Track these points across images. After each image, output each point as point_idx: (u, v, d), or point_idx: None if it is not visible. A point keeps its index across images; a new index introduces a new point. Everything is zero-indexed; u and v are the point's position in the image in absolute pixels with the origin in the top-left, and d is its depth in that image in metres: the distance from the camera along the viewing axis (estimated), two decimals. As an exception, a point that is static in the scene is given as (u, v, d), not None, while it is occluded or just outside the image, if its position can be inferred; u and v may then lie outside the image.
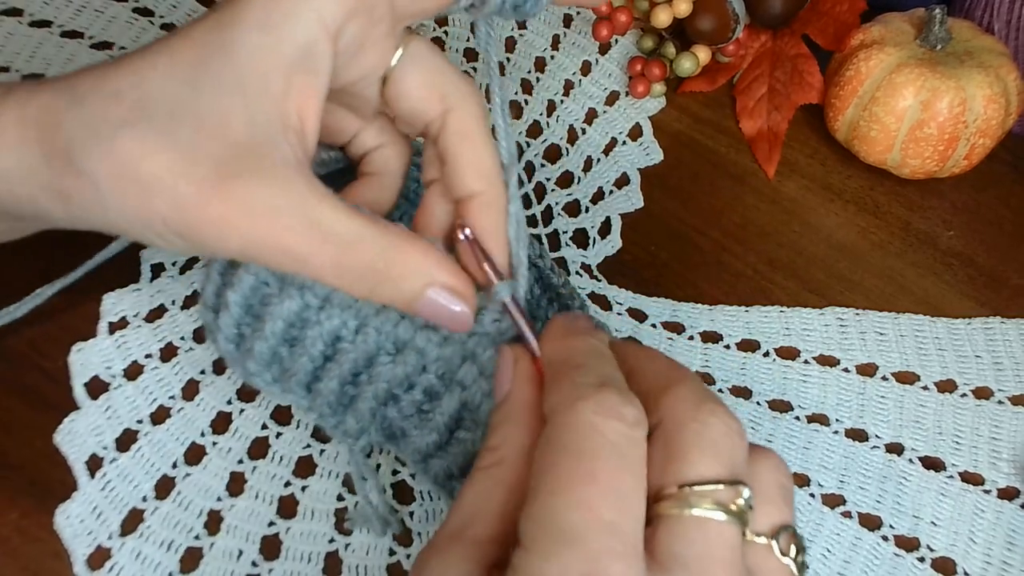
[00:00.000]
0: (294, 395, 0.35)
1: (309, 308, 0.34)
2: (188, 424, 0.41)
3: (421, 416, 0.35)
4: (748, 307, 0.46)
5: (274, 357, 0.35)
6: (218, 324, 0.35)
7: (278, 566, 0.38)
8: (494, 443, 0.28)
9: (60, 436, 0.40)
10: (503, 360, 0.30)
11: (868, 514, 0.41)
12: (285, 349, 0.35)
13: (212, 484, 0.40)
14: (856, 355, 0.45)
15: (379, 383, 0.34)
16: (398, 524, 0.39)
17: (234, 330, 0.35)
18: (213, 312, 0.36)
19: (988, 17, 0.52)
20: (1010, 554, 0.40)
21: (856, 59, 0.48)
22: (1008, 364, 0.44)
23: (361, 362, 0.34)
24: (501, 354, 0.31)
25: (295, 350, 0.35)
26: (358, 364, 0.34)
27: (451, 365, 0.34)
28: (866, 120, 0.48)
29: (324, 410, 0.35)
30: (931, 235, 0.50)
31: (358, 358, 0.34)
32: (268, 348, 0.35)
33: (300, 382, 0.35)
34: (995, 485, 0.41)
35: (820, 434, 0.42)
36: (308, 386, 0.35)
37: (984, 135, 0.47)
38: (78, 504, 0.38)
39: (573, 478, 0.24)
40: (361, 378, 0.35)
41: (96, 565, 0.37)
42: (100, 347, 0.42)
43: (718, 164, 0.52)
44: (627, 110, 0.54)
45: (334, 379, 0.34)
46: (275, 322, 0.34)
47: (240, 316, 0.35)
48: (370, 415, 0.35)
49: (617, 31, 0.52)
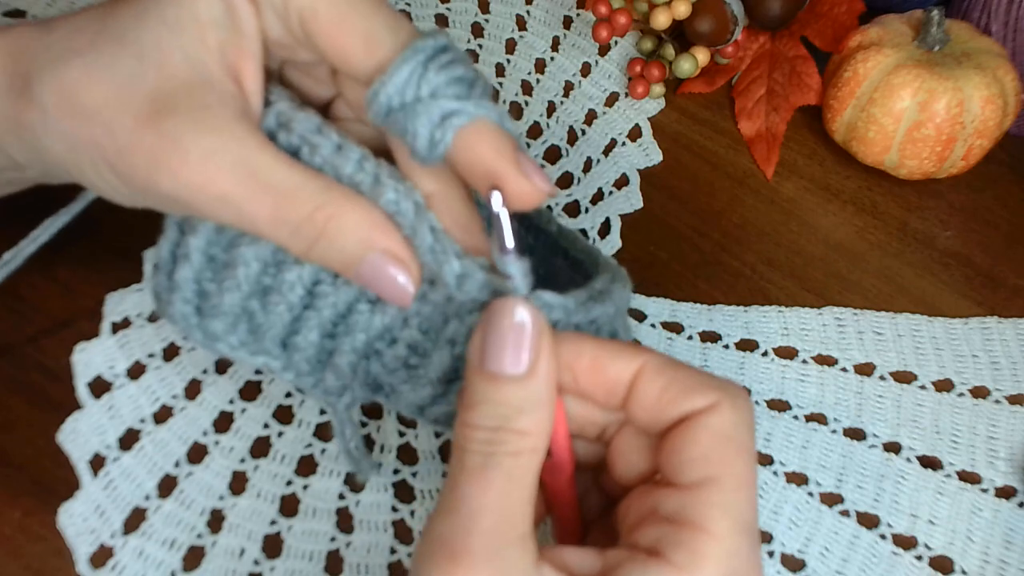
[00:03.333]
0: (267, 356, 0.33)
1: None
2: (190, 423, 0.41)
3: (409, 371, 0.33)
4: (746, 307, 0.46)
5: (243, 313, 0.32)
6: (175, 282, 0.32)
7: (280, 564, 0.38)
8: (525, 427, 0.26)
9: (63, 435, 0.40)
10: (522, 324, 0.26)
11: (866, 513, 0.41)
12: (257, 301, 0.32)
13: (214, 483, 0.40)
14: (854, 355, 0.45)
15: (357, 334, 0.32)
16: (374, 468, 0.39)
17: (194, 286, 0.32)
18: (166, 275, 0.33)
19: (986, 18, 0.52)
20: (1007, 552, 0.40)
21: (854, 60, 0.49)
22: (1005, 364, 0.45)
23: (341, 307, 0.32)
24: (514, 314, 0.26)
25: (269, 300, 0.32)
26: (338, 310, 0.32)
27: (433, 322, 0.32)
28: (864, 121, 0.48)
29: (302, 367, 0.33)
30: (929, 235, 0.50)
31: (338, 302, 0.32)
32: (239, 300, 0.32)
33: (275, 338, 0.33)
34: (992, 484, 0.41)
35: (818, 433, 0.43)
36: (283, 342, 0.33)
37: (981, 136, 0.48)
38: (81, 503, 0.39)
39: (750, 477, 0.26)
40: (339, 329, 0.33)
41: (99, 564, 0.38)
42: (103, 346, 0.42)
43: (717, 165, 0.52)
44: (626, 111, 0.54)
45: (313, 330, 0.32)
46: (248, 267, 0.31)
47: (202, 267, 0.32)
48: (350, 370, 0.33)
49: (616, 33, 0.52)
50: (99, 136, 0.28)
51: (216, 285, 0.32)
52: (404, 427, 0.42)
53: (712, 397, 0.26)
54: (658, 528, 0.26)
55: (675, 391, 0.26)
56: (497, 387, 0.26)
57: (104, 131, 0.28)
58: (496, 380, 0.26)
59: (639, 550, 0.25)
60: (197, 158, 0.27)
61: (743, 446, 0.26)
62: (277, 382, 0.43)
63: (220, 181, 0.27)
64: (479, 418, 0.26)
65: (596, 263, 0.35)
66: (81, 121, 0.28)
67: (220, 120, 0.28)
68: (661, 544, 0.25)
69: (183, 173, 0.27)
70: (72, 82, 0.28)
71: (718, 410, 0.26)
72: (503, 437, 0.26)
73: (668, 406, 0.26)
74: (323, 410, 0.42)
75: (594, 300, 0.31)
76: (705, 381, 0.27)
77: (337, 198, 0.29)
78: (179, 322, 0.33)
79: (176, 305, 0.33)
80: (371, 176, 0.30)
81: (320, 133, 0.30)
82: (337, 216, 0.29)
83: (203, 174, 0.27)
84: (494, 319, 0.27)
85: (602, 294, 0.32)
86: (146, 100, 0.27)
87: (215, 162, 0.27)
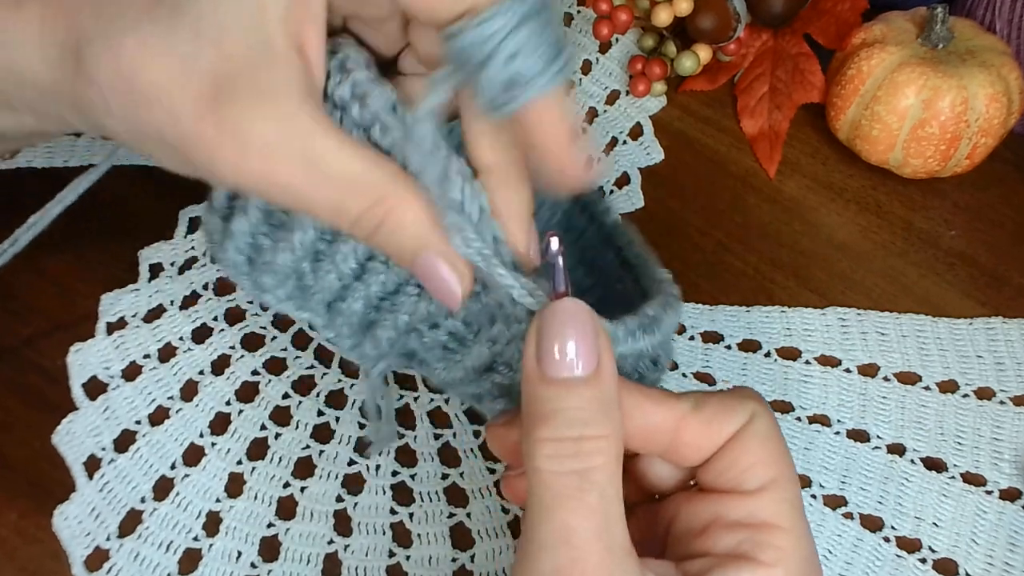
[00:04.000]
0: (312, 313, 0.33)
1: None
2: (187, 425, 0.41)
3: (446, 353, 0.33)
4: (749, 307, 0.46)
5: (294, 272, 0.32)
6: (230, 230, 0.32)
7: (277, 567, 0.38)
8: (605, 431, 0.25)
9: (58, 437, 0.40)
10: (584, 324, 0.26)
11: (870, 515, 0.40)
12: (309, 263, 0.32)
13: (211, 485, 0.40)
14: (857, 355, 0.45)
15: (401, 315, 0.32)
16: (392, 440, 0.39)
17: (248, 240, 0.32)
18: (222, 219, 0.33)
19: (990, 16, 0.52)
20: (1012, 555, 0.39)
21: (858, 58, 0.48)
22: (1010, 364, 0.44)
23: (391, 286, 0.32)
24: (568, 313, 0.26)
25: (321, 265, 0.32)
26: (386, 288, 0.32)
27: (478, 318, 0.32)
28: (868, 119, 0.48)
29: (343, 331, 0.33)
30: (933, 235, 0.49)
31: (388, 281, 0.32)
32: (292, 261, 0.32)
33: (322, 300, 0.33)
34: (997, 486, 0.41)
35: (821, 435, 0.42)
36: (330, 305, 0.33)
37: (986, 134, 0.47)
38: (76, 505, 0.38)
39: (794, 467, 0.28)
40: (384, 305, 0.33)
41: (94, 566, 0.37)
42: (98, 347, 0.42)
43: (719, 163, 0.52)
44: (628, 109, 0.54)
45: (359, 300, 0.32)
46: (305, 232, 0.31)
47: (259, 222, 0.32)
48: (388, 345, 0.33)
49: (618, 30, 0.52)
50: (161, 122, 0.26)
51: (271, 242, 0.32)
52: (403, 429, 0.42)
53: (748, 409, 0.27)
54: (734, 534, 0.26)
55: (718, 420, 0.27)
56: (567, 393, 0.25)
57: (166, 117, 0.26)
58: (565, 386, 0.25)
59: (720, 556, 0.26)
60: (258, 150, 0.26)
61: (782, 442, 0.28)
62: (274, 383, 0.42)
63: (281, 171, 0.27)
64: (557, 430, 0.25)
65: (649, 275, 0.34)
66: (142, 106, 0.26)
67: (282, 105, 0.26)
68: (745, 547, 0.26)
69: (243, 165, 0.26)
70: (128, 60, 0.26)
71: (757, 418, 0.27)
72: (589, 447, 0.25)
73: (715, 435, 0.27)
74: (321, 412, 0.42)
75: (643, 330, 0.30)
76: (734, 399, 0.28)
77: (399, 191, 0.28)
78: (229, 268, 0.33)
79: (229, 252, 0.33)
80: (441, 168, 0.29)
81: (394, 113, 0.29)
82: (397, 211, 0.28)
83: (264, 165, 0.26)
84: (552, 322, 0.26)
85: (653, 322, 0.30)
86: (205, 83, 0.26)
87: (276, 153, 0.26)
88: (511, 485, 0.30)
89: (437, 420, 0.42)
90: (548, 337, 0.25)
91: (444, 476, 0.41)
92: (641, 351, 0.31)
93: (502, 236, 0.29)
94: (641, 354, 0.31)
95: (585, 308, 0.26)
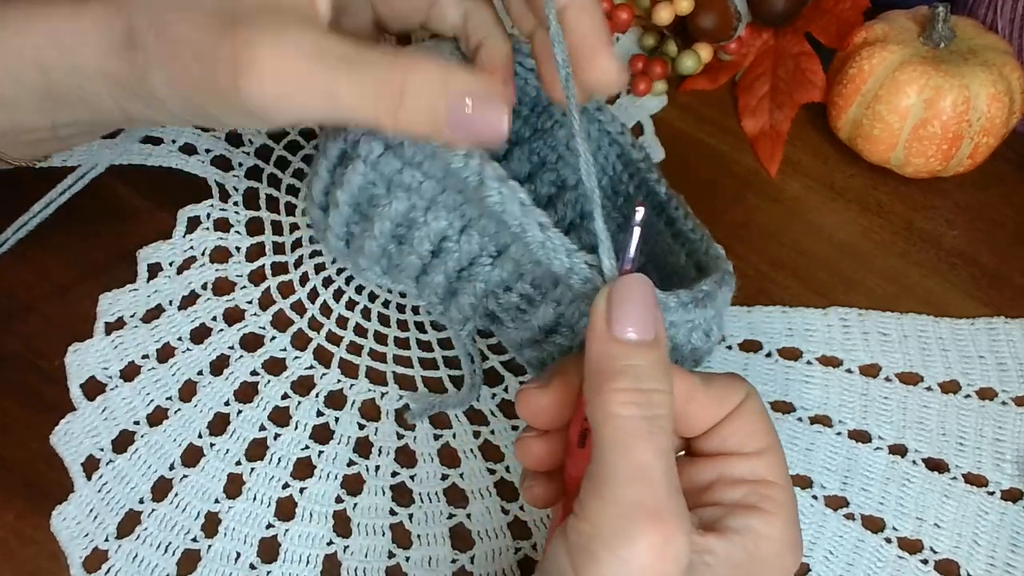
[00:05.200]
0: (404, 286, 0.39)
1: (416, 209, 0.36)
2: (185, 425, 0.41)
3: (519, 313, 0.37)
4: (750, 307, 0.46)
5: (383, 253, 0.37)
6: (328, 222, 0.38)
7: (276, 568, 0.38)
8: (665, 387, 0.28)
9: (56, 437, 0.40)
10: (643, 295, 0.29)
11: (871, 516, 0.40)
12: (394, 246, 0.37)
13: (210, 486, 0.39)
14: (859, 356, 0.44)
15: (478, 283, 0.37)
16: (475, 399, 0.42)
17: (344, 228, 0.38)
18: (322, 210, 0.38)
19: (992, 15, 0.51)
20: (1014, 556, 0.39)
21: (859, 57, 0.48)
22: (1012, 365, 0.44)
23: (464, 261, 0.37)
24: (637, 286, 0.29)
25: (403, 248, 0.37)
26: (461, 262, 0.37)
27: (544, 281, 0.35)
28: (869, 119, 0.48)
29: (432, 299, 0.39)
30: (934, 235, 0.49)
31: (461, 257, 0.36)
32: (378, 247, 0.37)
33: (410, 276, 0.38)
34: (999, 487, 0.41)
35: (823, 435, 0.42)
36: (417, 279, 0.38)
37: (988, 134, 0.47)
38: (74, 506, 0.38)
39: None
40: (463, 275, 0.37)
41: (92, 568, 0.37)
42: (97, 348, 0.42)
43: (720, 163, 0.52)
44: (628, 108, 0.53)
45: (440, 274, 0.37)
46: (383, 223, 0.36)
47: (349, 215, 0.37)
48: (471, 309, 0.38)
49: (618, 29, 0.52)
50: (191, 62, 0.30)
51: (360, 231, 0.37)
52: (402, 429, 0.42)
53: (744, 389, 0.32)
54: (739, 488, 0.30)
55: (722, 396, 0.31)
56: (638, 353, 0.28)
57: (193, 55, 0.30)
58: (636, 347, 0.28)
59: (729, 506, 0.30)
60: (271, 53, 0.29)
61: (770, 419, 0.32)
62: (273, 384, 0.42)
63: (304, 69, 0.29)
64: (631, 382, 0.28)
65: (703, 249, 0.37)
66: (177, 54, 0.30)
67: (289, 20, 0.30)
68: (751, 499, 0.30)
69: (265, 78, 0.29)
70: (164, 24, 0.31)
71: (751, 397, 0.32)
72: (656, 399, 0.28)
73: (720, 409, 0.31)
74: (320, 412, 0.42)
75: (696, 303, 0.33)
76: (733, 380, 0.32)
77: (408, 56, 0.30)
78: (333, 252, 0.40)
79: (330, 240, 0.39)
80: (476, 174, 0.33)
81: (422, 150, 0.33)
82: (412, 72, 0.30)
83: (281, 65, 0.29)
84: (626, 292, 0.29)
85: (706, 297, 0.33)
86: (225, 19, 0.30)
87: (295, 52, 0.29)
88: (528, 446, 0.32)
89: (437, 421, 0.42)
90: (620, 304, 0.29)
91: (444, 477, 0.41)
92: (694, 323, 0.34)
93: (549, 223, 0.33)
94: (694, 326, 0.34)
95: (649, 283, 0.30)
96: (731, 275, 0.35)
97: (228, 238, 0.46)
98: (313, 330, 0.44)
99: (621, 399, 0.27)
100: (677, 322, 0.33)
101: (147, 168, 0.47)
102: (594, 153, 0.42)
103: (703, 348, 0.35)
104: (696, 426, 0.31)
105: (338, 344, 0.44)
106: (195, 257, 0.45)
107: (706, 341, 0.35)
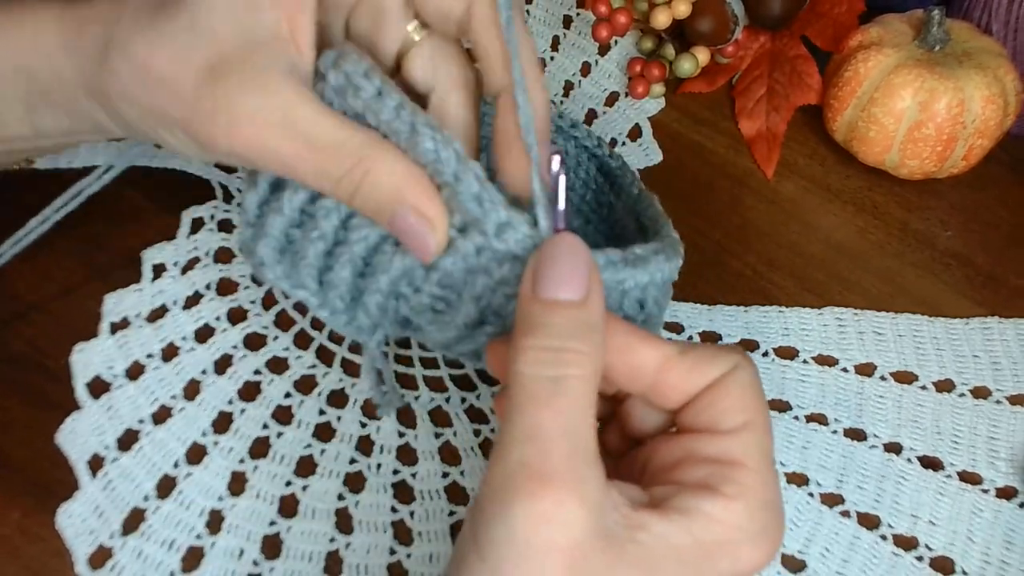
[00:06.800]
0: (306, 291, 0.35)
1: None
2: (189, 424, 0.41)
3: (436, 315, 0.34)
4: (747, 307, 0.46)
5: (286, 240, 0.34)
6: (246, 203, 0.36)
7: (279, 565, 0.38)
8: (586, 348, 0.27)
9: (62, 436, 0.40)
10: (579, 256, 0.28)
11: (866, 513, 0.41)
12: (297, 232, 0.34)
13: (213, 483, 0.40)
14: (854, 355, 0.45)
15: (380, 275, 0.34)
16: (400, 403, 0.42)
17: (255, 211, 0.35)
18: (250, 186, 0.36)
19: (986, 18, 0.52)
20: (1008, 553, 0.40)
21: (855, 60, 0.49)
22: (1006, 364, 0.45)
23: (372, 242, 0.34)
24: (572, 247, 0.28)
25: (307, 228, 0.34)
26: (368, 246, 0.34)
27: (454, 278, 0.33)
28: (864, 121, 0.48)
29: (336, 305, 0.35)
30: (929, 235, 0.50)
31: (369, 237, 0.34)
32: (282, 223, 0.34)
33: (311, 271, 0.34)
34: (993, 484, 0.41)
35: (818, 434, 0.43)
36: (320, 277, 0.35)
37: (982, 136, 0.47)
38: (79, 503, 0.39)
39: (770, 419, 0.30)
40: (368, 269, 0.34)
41: (97, 564, 0.37)
42: (102, 347, 0.42)
43: (717, 165, 0.52)
44: (626, 111, 0.54)
45: (346, 266, 0.34)
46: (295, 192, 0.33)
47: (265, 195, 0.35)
48: (379, 310, 0.35)
49: (616, 32, 0.52)
50: (167, 101, 0.31)
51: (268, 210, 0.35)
52: (404, 428, 0.42)
53: (732, 359, 0.29)
54: (702, 468, 0.28)
55: (701, 365, 0.29)
56: (555, 311, 0.27)
57: (171, 95, 0.30)
58: (555, 306, 0.27)
59: (686, 485, 0.28)
60: (246, 118, 0.30)
61: (762, 395, 0.30)
62: (276, 383, 0.43)
63: (267, 138, 0.30)
64: (540, 339, 0.27)
65: (657, 231, 0.36)
66: (152, 88, 0.31)
67: (268, 79, 0.30)
68: (710, 480, 0.28)
69: (234, 133, 0.30)
70: (140, 58, 0.31)
71: (741, 368, 0.29)
72: (567, 358, 0.27)
73: (698, 379, 0.29)
74: (322, 411, 0.42)
75: (627, 264, 0.32)
76: (720, 350, 0.30)
77: (376, 153, 0.31)
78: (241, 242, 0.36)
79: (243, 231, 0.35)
80: (407, 124, 0.31)
81: (366, 77, 0.31)
82: (373, 171, 0.30)
83: (252, 132, 0.30)
84: (552, 251, 0.28)
85: (638, 260, 0.32)
86: (201, 65, 0.30)
87: (261, 120, 0.30)
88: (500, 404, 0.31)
89: (437, 419, 0.42)
90: (549, 262, 0.28)
91: (445, 475, 0.41)
92: (624, 285, 0.32)
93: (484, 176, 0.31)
94: (625, 291, 0.32)
95: (580, 242, 0.29)
96: (674, 249, 0.34)
97: (231, 239, 0.46)
98: (315, 330, 0.44)
99: (527, 357, 0.27)
100: (607, 282, 0.31)
101: (152, 170, 0.48)
102: (575, 169, 0.42)
103: (637, 319, 0.33)
104: (672, 397, 0.30)
105: (340, 343, 0.44)
106: (199, 258, 0.46)
107: (639, 312, 0.33)
